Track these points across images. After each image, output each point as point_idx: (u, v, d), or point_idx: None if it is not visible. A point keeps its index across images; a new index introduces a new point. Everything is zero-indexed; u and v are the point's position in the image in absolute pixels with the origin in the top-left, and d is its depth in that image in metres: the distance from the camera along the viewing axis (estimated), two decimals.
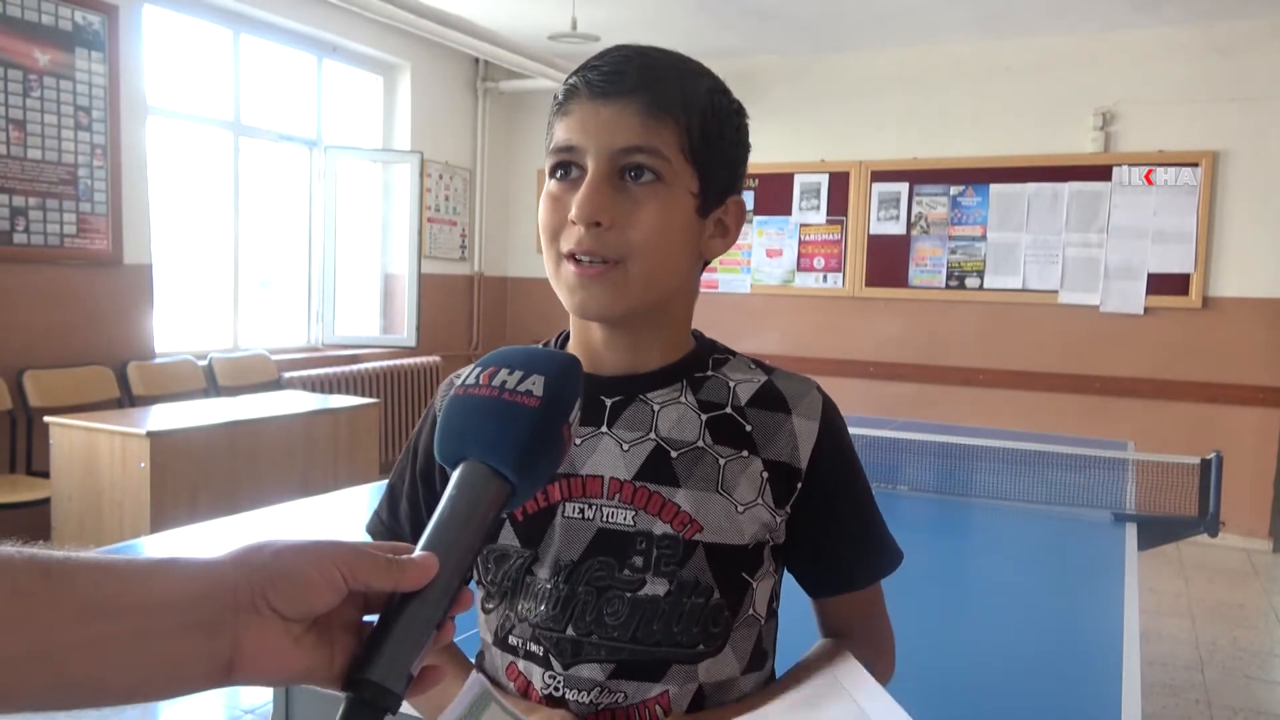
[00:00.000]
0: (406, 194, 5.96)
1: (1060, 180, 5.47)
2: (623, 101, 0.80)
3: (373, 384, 5.52)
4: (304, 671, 0.52)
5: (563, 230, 0.82)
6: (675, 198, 0.82)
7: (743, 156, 0.89)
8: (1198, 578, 4.58)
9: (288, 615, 0.51)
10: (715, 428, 0.86)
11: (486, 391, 0.62)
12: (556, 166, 0.83)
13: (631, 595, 0.83)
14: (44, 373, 4.00)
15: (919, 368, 5.82)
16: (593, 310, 0.83)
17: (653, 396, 0.87)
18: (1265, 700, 3.27)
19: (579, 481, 0.85)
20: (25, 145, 3.90)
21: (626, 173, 0.81)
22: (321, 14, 5.19)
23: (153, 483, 3.35)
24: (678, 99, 0.81)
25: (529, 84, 6.27)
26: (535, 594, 0.85)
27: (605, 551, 0.84)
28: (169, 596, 0.49)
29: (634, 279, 0.81)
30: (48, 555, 0.47)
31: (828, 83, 5.87)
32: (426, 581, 0.53)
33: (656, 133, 0.80)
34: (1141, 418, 5.23)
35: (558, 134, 0.83)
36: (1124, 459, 2.94)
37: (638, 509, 0.84)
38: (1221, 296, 5.20)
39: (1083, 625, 1.83)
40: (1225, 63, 5.10)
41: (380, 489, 1.02)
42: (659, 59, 0.84)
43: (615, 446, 0.85)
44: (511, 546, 0.87)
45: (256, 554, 0.52)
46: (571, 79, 0.84)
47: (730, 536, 0.84)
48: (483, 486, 0.58)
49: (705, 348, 0.92)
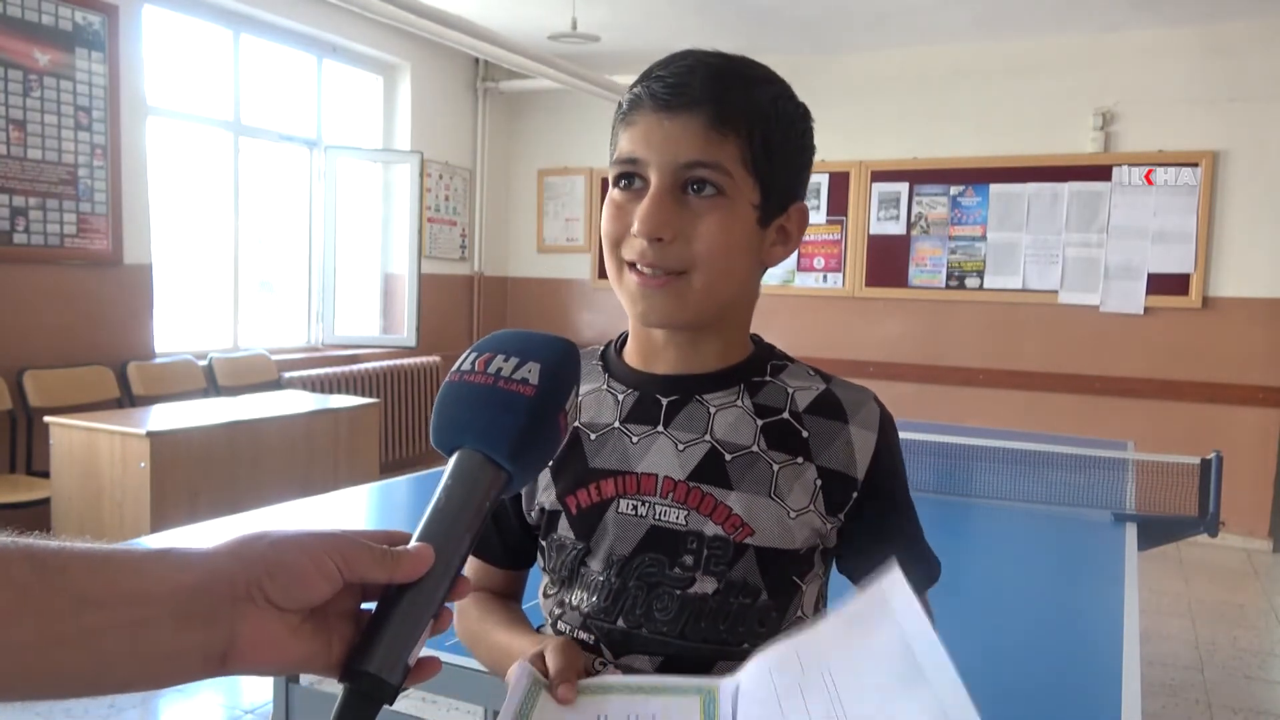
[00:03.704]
0: (406, 194, 5.96)
1: (1060, 180, 5.46)
2: (686, 115, 0.80)
3: (373, 384, 5.52)
4: (301, 661, 0.52)
5: (625, 239, 0.83)
6: (736, 210, 0.83)
7: (806, 162, 0.89)
8: (1198, 578, 4.58)
9: (284, 606, 0.51)
10: (770, 433, 0.86)
11: (482, 379, 0.62)
12: (620, 176, 0.84)
13: (681, 592, 0.84)
14: (44, 373, 4.00)
15: (919, 368, 5.82)
16: (655, 319, 0.85)
17: (710, 398, 0.88)
18: (1265, 700, 3.27)
19: (634, 479, 0.86)
20: (25, 145, 3.90)
21: (689, 186, 0.81)
22: (321, 14, 5.19)
23: (153, 483, 3.35)
24: (742, 111, 0.82)
25: (529, 84, 6.27)
26: (588, 585, 0.87)
27: (657, 548, 0.85)
28: (164, 587, 0.49)
29: (696, 289, 0.82)
30: (42, 546, 0.47)
31: (828, 83, 5.86)
32: (421, 573, 0.53)
33: (719, 147, 0.81)
34: (1141, 418, 5.23)
35: (621, 144, 0.84)
36: (1124, 459, 2.93)
37: (690, 509, 0.85)
38: (1221, 296, 5.20)
39: (1083, 625, 1.83)
40: (1225, 63, 5.10)
41: (381, 488, 1.02)
42: (724, 68, 0.84)
43: (671, 446, 0.86)
44: (567, 538, 0.88)
45: (253, 545, 0.52)
46: (636, 88, 0.84)
47: (781, 541, 0.84)
48: (478, 475, 0.58)
49: (764, 352, 0.93)
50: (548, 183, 6.86)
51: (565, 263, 6.84)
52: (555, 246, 6.88)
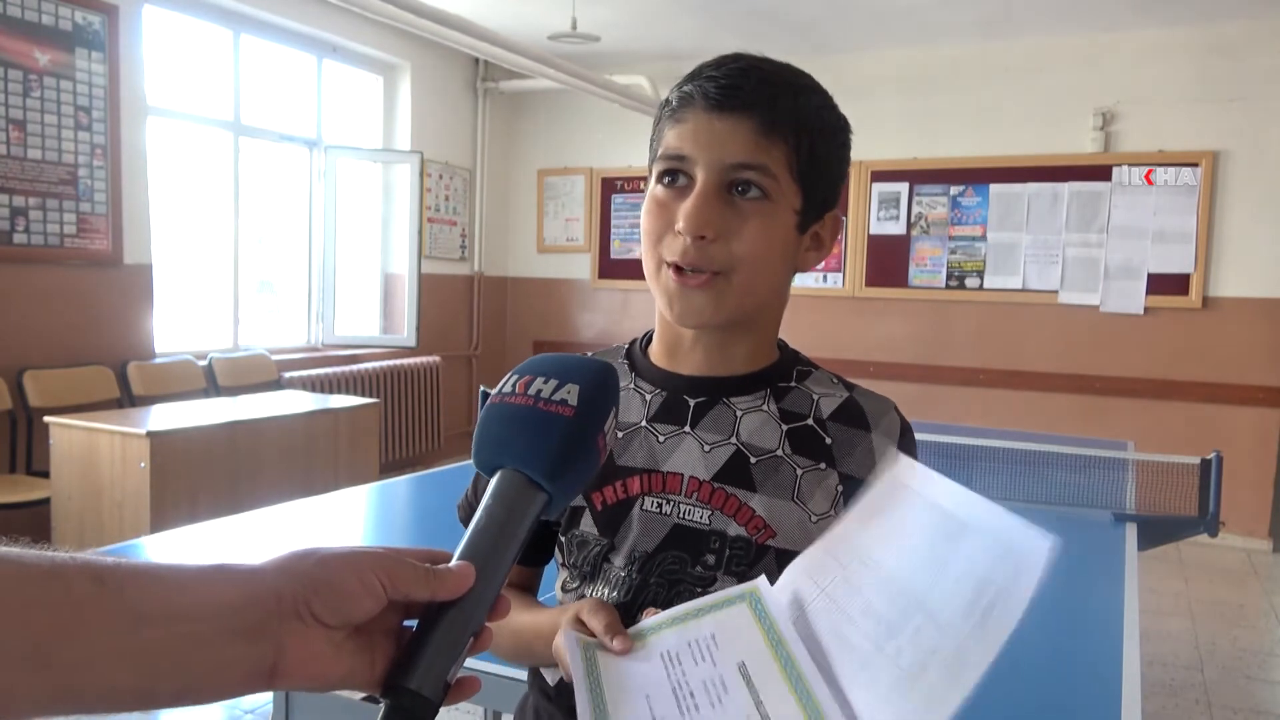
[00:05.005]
0: (406, 194, 5.97)
1: (1060, 180, 5.47)
2: (737, 116, 0.81)
3: (373, 384, 5.52)
4: (345, 677, 0.53)
5: (665, 236, 0.84)
6: (779, 215, 0.84)
7: (844, 173, 0.91)
8: (1198, 578, 4.58)
9: (330, 623, 0.52)
10: (795, 438, 0.88)
11: (522, 400, 0.63)
12: (665, 173, 0.85)
13: (701, 591, 0.85)
14: (44, 373, 4.00)
15: (919, 368, 5.82)
16: (691, 319, 0.85)
17: (736, 401, 0.89)
18: (1265, 700, 3.27)
19: (660, 477, 0.88)
20: (25, 145, 3.90)
21: (734, 187, 0.82)
22: (321, 14, 5.19)
23: (153, 483, 3.35)
24: (791, 118, 0.83)
25: (529, 84, 6.27)
26: (610, 580, 0.88)
27: (679, 546, 0.86)
28: (216, 603, 0.49)
29: (734, 290, 0.83)
30: (100, 562, 0.48)
31: (827, 83, 5.80)
32: (463, 591, 0.54)
33: (767, 151, 0.82)
34: (1141, 418, 5.23)
35: (669, 140, 0.84)
36: (1124, 459, 2.93)
37: (714, 509, 0.86)
38: (1221, 296, 5.20)
39: (1083, 625, 1.83)
40: (1225, 63, 5.10)
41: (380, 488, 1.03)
42: (774, 73, 0.85)
43: (697, 447, 0.88)
44: (590, 534, 0.89)
45: (300, 562, 0.52)
46: (688, 86, 0.84)
47: (802, 544, 0.85)
48: (518, 495, 0.59)
49: (790, 358, 0.94)
50: (548, 183, 6.86)
51: (565, 263, 6.84)
52: (555, 246, 6.88)
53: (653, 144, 0.88)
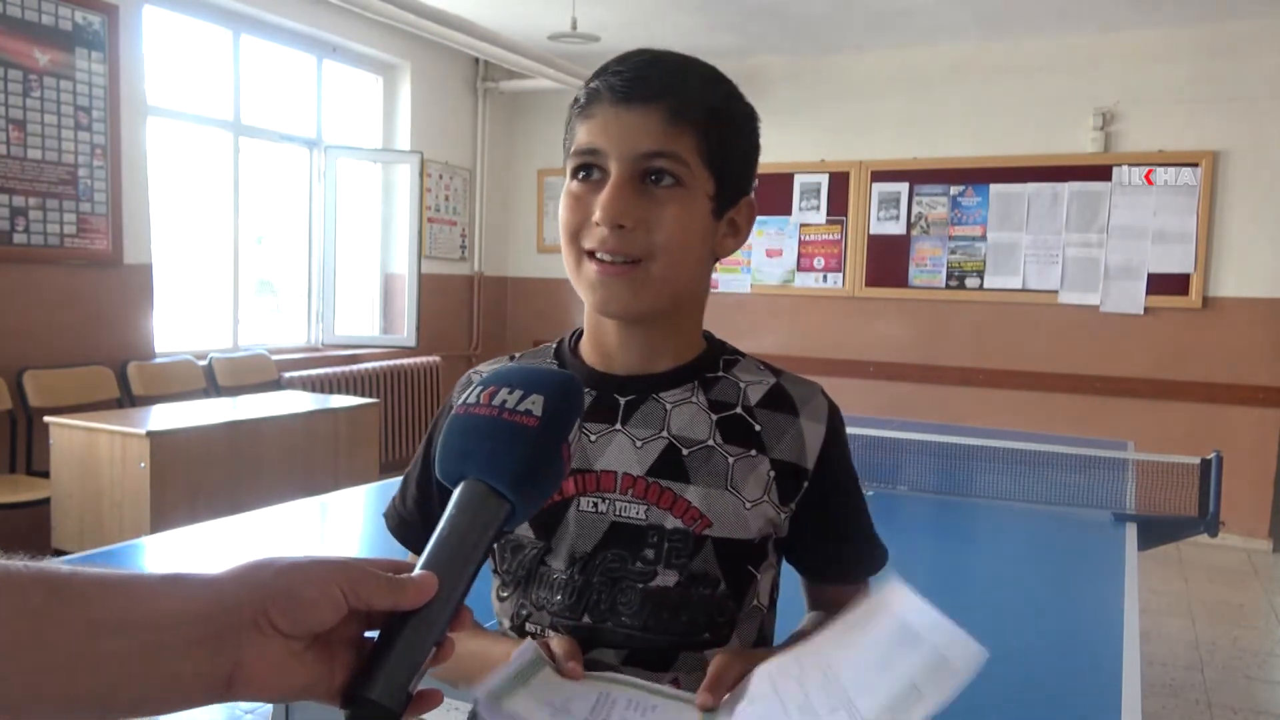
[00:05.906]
0: (406, 194, 5.96)
1: (1060, 180, 5.47)
2: (645, 107, 0.83)
3: (373, 384, 5.52)
4: (304, 688, 0.53)
5: (585, 229, 0.85)
6: (694, 200, 0.85)
7: (755, 158, 0.92)
8: (1198, 578, 4.58)
9: (289, 633, 0.51)
10: (725, 427, 0.89)
11: (486, 410, 0.63)
12: (579, 168, 0.86)
13: (643, 586, 0.85)
14: (44, 373, 4.00)
15: (919, 368, 5.82)
16: (614, 308, 0.87)
17: (665, 396, 0.90)
18: (1265, 700, 3.27)
19: (593, 477, 0.88)
20: (25, 145, 3.90)
21: (648, 176, 0.83)
22: (321, 14, 5.19)
23: (153, 483, 3.35)
24: (698, 105, 0.84)
25: (529, 84, 6.27)
26: (550, 584, 0.88)
27: (618, 544, 0.86)
28: (174, 613, 0.49)
29: (655, 278, 0.84)
30: (55, 571, 0.47)
31: (828, 83, 5.87)
32: (425, 601, 0.54)
33: (677, 139, 0.83)
34: (1141, 418, 5.23)
35: (580, 136, 0.86)
36: (1124, 459, 2.93)
37: (650, 504, 0.86)
38: (1221, 296, 5.20)
39: (1083, 625, 1.83)
40: (1225, 63, 5.10)
41: (380, 488, 1.03)
42: (680, 65, 0.87)
43: (629, 443, 0.88)
44: (525, 537, 0.89)
45: (259, 572, 0.52)
46: (594, 82, 0.86)
47: (738, 531, 0.87)
48: (482, 505, 0.59)
49: (716, 348, 0.95)
50: (548, 183, 6.86)
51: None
52: (555, 246, 6.79)
53: (565, 142, 0.89)
